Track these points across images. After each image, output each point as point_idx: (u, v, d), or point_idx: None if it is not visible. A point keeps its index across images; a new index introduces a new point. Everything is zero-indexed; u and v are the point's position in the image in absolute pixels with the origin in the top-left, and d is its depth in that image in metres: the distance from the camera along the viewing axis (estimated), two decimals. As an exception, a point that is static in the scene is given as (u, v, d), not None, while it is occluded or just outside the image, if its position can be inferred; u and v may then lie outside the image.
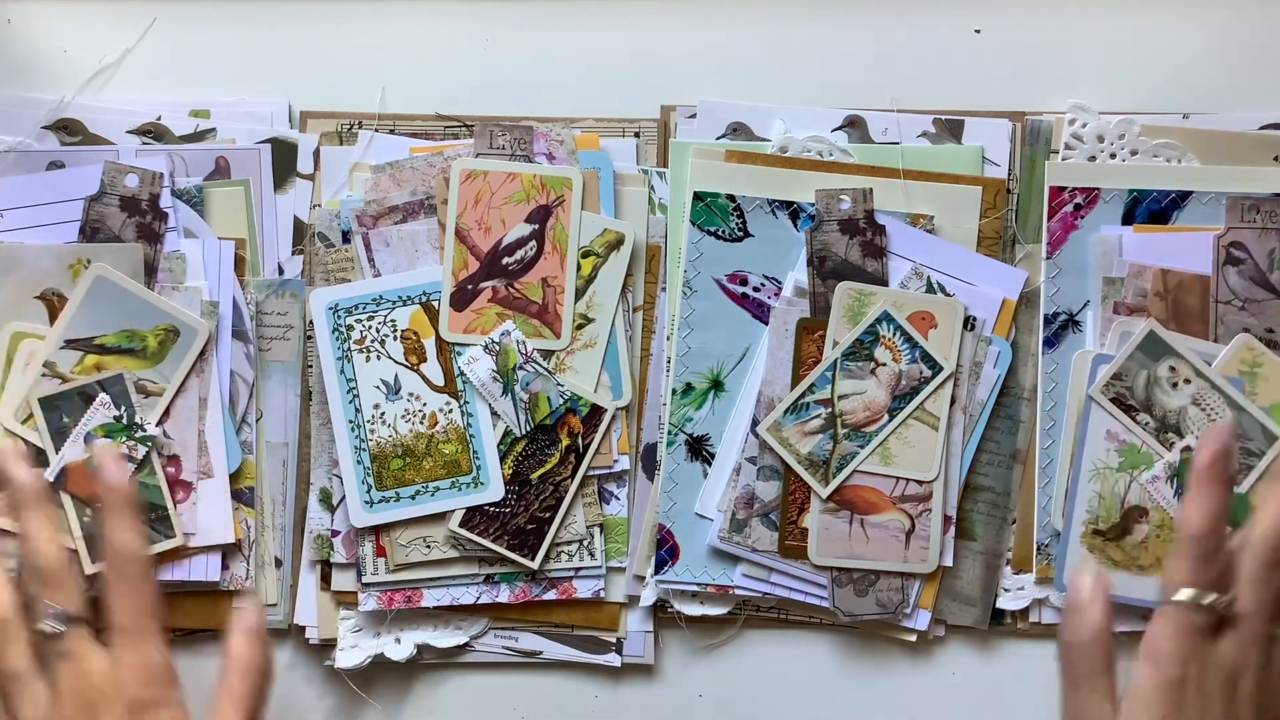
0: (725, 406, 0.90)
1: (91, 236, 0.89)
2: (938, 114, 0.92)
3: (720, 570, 0.89)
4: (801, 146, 0.91)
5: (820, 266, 0.89)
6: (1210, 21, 0.93)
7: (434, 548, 0.89)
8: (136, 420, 0.87)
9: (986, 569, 0.90)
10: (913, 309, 0.88)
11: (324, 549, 0.89)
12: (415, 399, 0.88)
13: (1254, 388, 0.88)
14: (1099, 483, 0.89)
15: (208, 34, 0.93)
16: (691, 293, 0.90)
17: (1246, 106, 0.92)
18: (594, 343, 0.89)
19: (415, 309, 0.89)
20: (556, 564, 0.89)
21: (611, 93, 0.92)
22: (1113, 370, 0.88)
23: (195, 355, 0.88)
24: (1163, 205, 0.90)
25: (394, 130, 0.92)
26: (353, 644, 0.89)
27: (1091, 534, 0.88)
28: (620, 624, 0.91)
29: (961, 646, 0.91)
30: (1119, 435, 0.88)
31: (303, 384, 0.91)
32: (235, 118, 0.92)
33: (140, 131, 0.91)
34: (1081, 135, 0.91)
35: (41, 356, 0.87)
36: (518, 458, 0.89)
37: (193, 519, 0.88)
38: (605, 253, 0.89)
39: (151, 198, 0.89)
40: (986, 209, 0.90)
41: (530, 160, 0.90)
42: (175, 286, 0.89)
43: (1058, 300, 0.90)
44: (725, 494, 0.89)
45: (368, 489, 0.88)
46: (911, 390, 0.88)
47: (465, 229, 0.89)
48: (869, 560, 0.88)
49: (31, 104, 0.91)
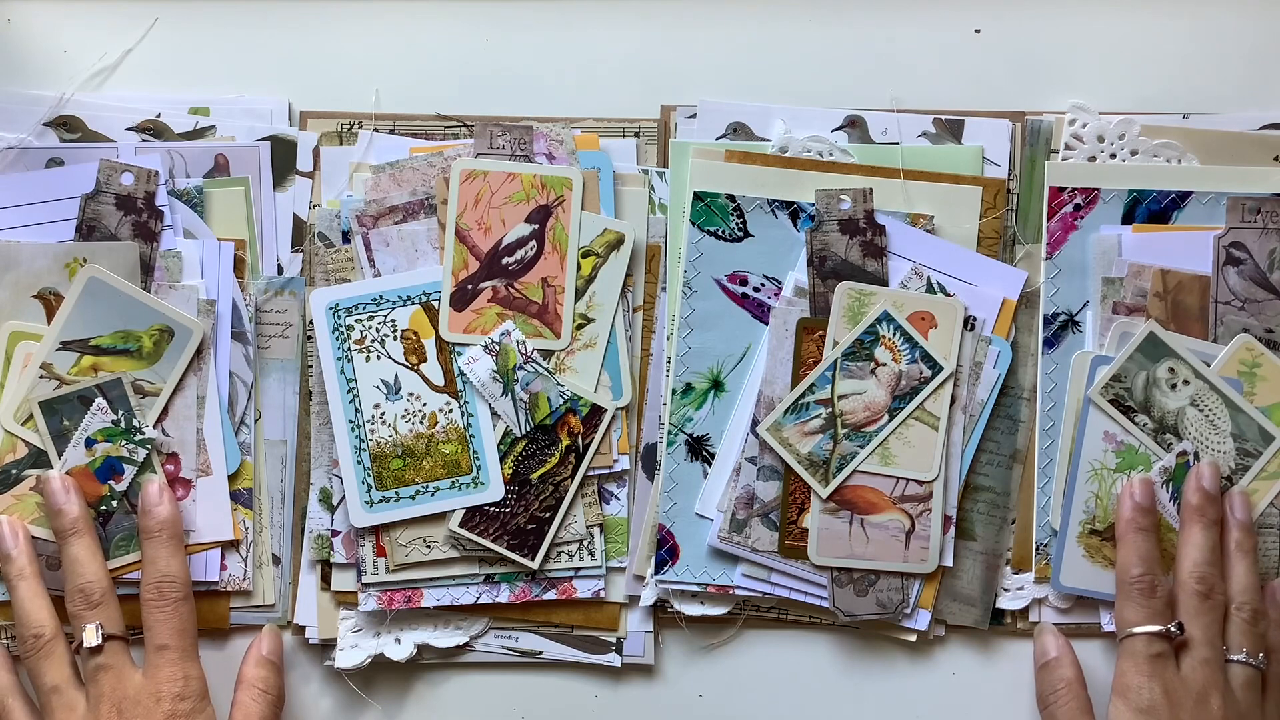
0: (725, 406, 0.90)
1: (88, 235, 0.89)
2: (938, 114, 0.92)
3: (720, 570, 0.89)
4: (801, 146, 0.91)
5: (820, 266, 0.89)
6: (1210, 21, 0.93)
7: (434, 548, 0.89)
8: (135, 424, 0.87)
9: (986, 569, 0.90)
10: (913, 309, 0.88)
11: (324, 549, 0.89)
12: (415, 399, 0.88)
13: (1253, 388, 0.88)
14: (1096, 483, 0.89)
15: (208, 33, 0.93)
16: (691, 293, 0.90)
17: (1246, 106, 0.92)
18: (594, 343, 0.89)
19: (415, 309, 0.89)
20: (556, 564, 0.89)
21: (611, 93, 0.92)
22: (1112, 371, 0.88)
23: (191, 355, 0.88)
24: (1163, 205, 0.90)
25: (394, 130, 0.91)
26: (353, 644, 0.89)
27: (1088, 534, 0.89)
28: (620, 624, 0.91)
29: (961, 646, 0.91)
30: (1116, 436, 0.89)
31: (302, 383, 0.91)
32: (234, 115, 0.92)
33: (139, 129, 0.91)
34: (1081, 135, 0.91)
35: (38, 358, 0.87)
36: (518, 458, 0.89)
37: (191, 517, 0.88)
38: (605, 253, 0.89)
39: (147, 196, 0.89)
40: (986, 209, 0.90)
41: (530, 160, 0.89)
42: (172, 285, 0.89)
43: (1057, 300, 0.90)
44: (725, 494, 0.89)
45: (368, 489, 0.88)
46: (911, 390, 0.88)
47: (465, 229, 0.88)
48: (869, 560, 0.88)
49: (31, 101, 0.91)
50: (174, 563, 0.84)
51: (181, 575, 0.84)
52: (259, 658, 0.87)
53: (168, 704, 0.82)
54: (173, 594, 0.84)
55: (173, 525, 0.85)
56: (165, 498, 0.86)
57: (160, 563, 0.84)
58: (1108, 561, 0.88)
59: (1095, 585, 0.89)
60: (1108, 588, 0.88)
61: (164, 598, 0.84)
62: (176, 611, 0.84)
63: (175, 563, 0.84)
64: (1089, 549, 0.89)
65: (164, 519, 0.85)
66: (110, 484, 0.87)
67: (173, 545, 0.85)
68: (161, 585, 0.84)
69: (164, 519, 0.85)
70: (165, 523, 0.85)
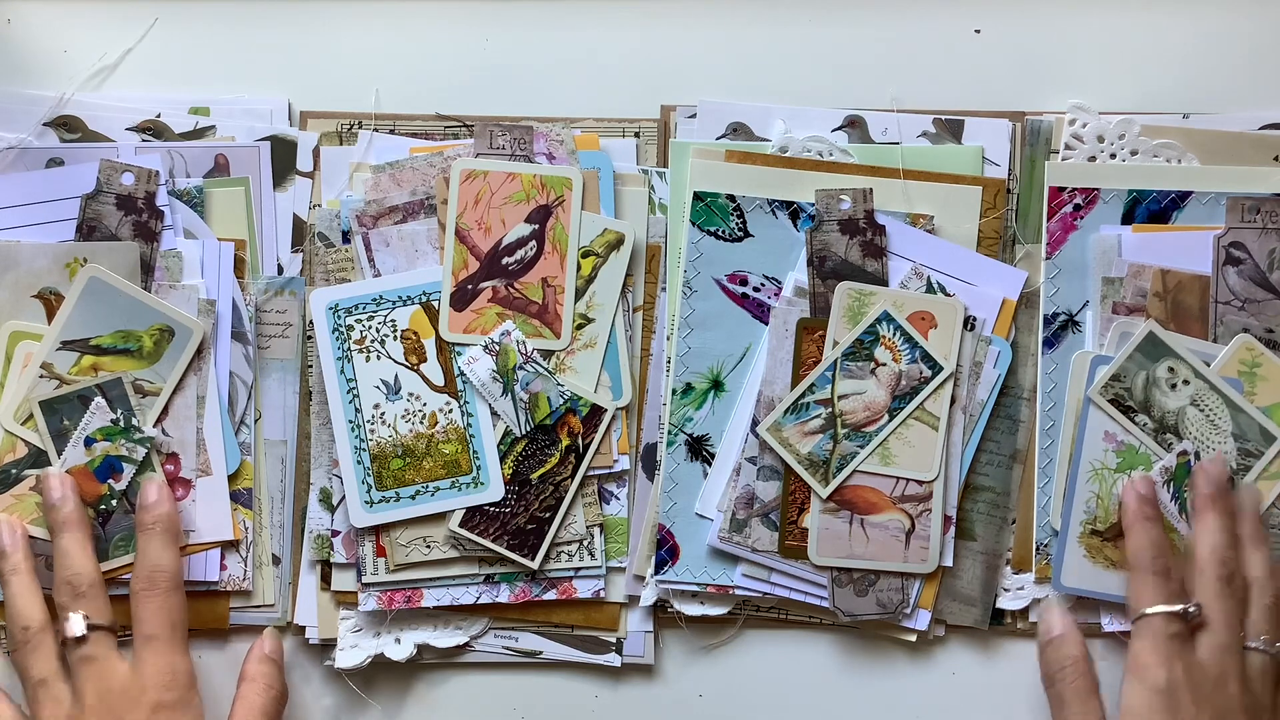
0: (725, 406, 0.90)
1: (88, 235, 0.89)
2: (938, 114, 0.92)
3: (720, 570, 0.89)
4: (801, 146, 0.91)
5: (820, 266, 0.89)
6: (1210, 21, 0.93)
7: (434, 548, 0.89)
8: (134, 423, 0.87)
9: (986, 569, 0.90)
10: (913, 309, 0.88)
11: (324, 549, 0.89)
12: (415, 399, 0.88)
13: (1253, 388, 0.88)
14: (1097, 483, 0.89)
15: (208, 33, 0.93)
16: (691, 293, 0.90)
17: (1246, 106, 0.92)
18: (594, 343, 0.89)
19: (415, 309, 0.89)
20: (556, 564, 0.89)
21: (611, 93, 0.92)
22: (1111, 371, 0.88)
23: (191, 354, 0.88)
24: (1162, 205, 0.90)
25: (394, 130, 0.92)
26: (353, 644, 0.89)
27: (1089, 534, 0.89)
28: (620, 624, 0.91)
29: (961, 646, 0.91)
30: (1117, 436, 0.89)
31: (302, 383, 0.91)
32: (234, 115, 0.92)
33: (139, 129, 0.91)
34: (1081, 135, 0.91)
35: (39, 358, 0.87)
36: (518, 458, 0.89)
37: (191, 516, 0.88)
38: (605, 253, 0.89)
39: (147, 196, 0.89)
40: (986, 209, 0.90)
41: (530, 160, 0.89)
42: (172, 285, 0.89)
43: (1057, 300, 0.90)
44: (725, 494, 0.89)
45: (368, 489, 0.88)
46: (911, 390, 0.88)
47: (465, 229, 0.88)
48: (869, 560, 0.88)
49: (31, 101, 0.91)
50: (166, 554, 0.84)
51: (173, 567, 0.84)
52: (261, 655, 0.87)
53: (153, 694, 0.81)
54: (163, 584, 0.83)
55: (167, 520, 0.85)
56: (163, 495, 0.86)
57: (152, 554, 0.84)
58: (1109, 562, 0.88)
59: (1097, 586, 0.88)
60: (1109, 588, 0.88)
61: (154, 587, 0.83)
62: (166, 602, 0.83)
63: (168, 555, 0.84)
64: (1090, 549, 0.89)
65: (160, 514, 0.85)
66: (110, 483, 0.87)
67: (166, 539, 0.84)
68: (153, 575, 0.83)
69: (160, 514, 0.85)
70: (160, 518, 0.85)
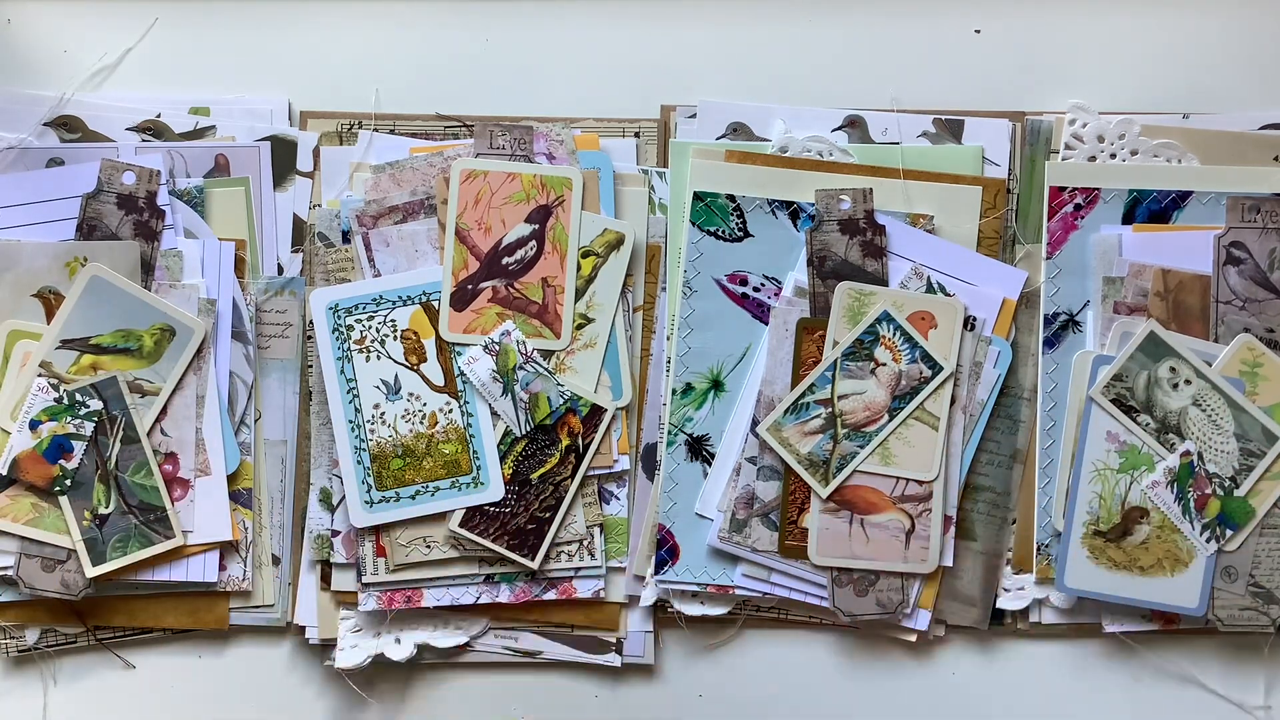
0: (725, 406, 0.90)
1: (89, 234, 0.89)
2: (938, 114, 0.92)
3: (720, 570, 0.89)
4: (801, 146, 0.91)
5: (820, 266, 0.89)
6: (1210, 21, 0.93)
7: (434, 548, 0.89)
8: (78, 398, 0.86)
9: (986, 569, 0.90)
10: (913, 309, 0.88)
11: (324, 549, 0.89)
12: (415, 399, 0.88)
13: (1254, 388, 0.88)
14: (1099, 483, 0.89)
15: (208, 33, 0.93)
16: (691, 293, 0.90)
17: (1246, 106, 0.92)
18: (594, 343, 0.89)
19: (415, 309, 0.89)
20: (556, 564, 0.89)
21: (611, 93, 0.92)
22: (1113, 371, 0.88)
23: (192, 354, 0.88)
24: (1163, 205, 0.90)
25: (394, 130, 0.92)
26: (353, 644, 0.89)
27: (1092, 535, 0.88)
28: (620, 624, 0.91)
29: (961, 646, 0.91)
30: (1119, 436, 0.88)
31: (302, 383, 0.91)
32: (235, 115, 0.92)
33: (140, 129, 0.91)
34: (1081, 135, 0.91)
35: (38, 357, 0.87)
36: (518, 458, 0.89)
37: (190, 516, 0.88)
38: (605, 253, 0.89)
39: (148, 195, 0.89)
40: (986, 209, 0.90)
41: (530, 160, 0.89)
42: (173, 284, 0.89)
43: (1058, 300, 0.90)
44: (725, 494, 0.89)
45: (368, 489, 0.88)
46: (911, 390, 0.88)
47: (465, 229, 0.88)
48: (869, 560, 0.88)
49: (31, 101, 0.91)
50: None
51: None
52: None
53: None
54: None
55: None
56: None
57: None
58: (1112, 563, 0.88)
59: (1100, 587, 0.88)
60: (1112, 589, 0.88)
61: None
62: None
63: None
64: (1093, 550, 0.88)
65: None
66: (61, 463, 0.86)
67: None
68: None
69: None
70: None
